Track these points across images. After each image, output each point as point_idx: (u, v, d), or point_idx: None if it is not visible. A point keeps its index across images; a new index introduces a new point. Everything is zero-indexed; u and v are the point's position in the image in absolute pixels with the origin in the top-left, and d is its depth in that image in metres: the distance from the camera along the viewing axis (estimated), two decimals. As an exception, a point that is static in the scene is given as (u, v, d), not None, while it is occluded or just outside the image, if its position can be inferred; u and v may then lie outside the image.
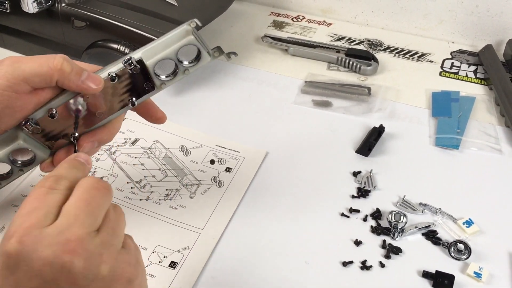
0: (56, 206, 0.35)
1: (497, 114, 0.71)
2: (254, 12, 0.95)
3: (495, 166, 0.63)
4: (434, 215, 0.56)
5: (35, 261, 0.32)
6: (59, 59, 0.43)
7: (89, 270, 0.33)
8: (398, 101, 0.73)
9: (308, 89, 0.74)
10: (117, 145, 0.62)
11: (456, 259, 0.52)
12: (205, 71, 0.78)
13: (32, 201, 0.35)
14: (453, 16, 0.85)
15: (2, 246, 0.33)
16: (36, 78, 0.42)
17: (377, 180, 0.60)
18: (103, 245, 0.34)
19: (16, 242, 0.32)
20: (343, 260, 0.51)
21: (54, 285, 0.32)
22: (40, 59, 0.43)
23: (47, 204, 0.35)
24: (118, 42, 0.69)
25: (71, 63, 0.43)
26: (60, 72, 0.43)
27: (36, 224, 0.33)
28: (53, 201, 0.35)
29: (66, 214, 0.34)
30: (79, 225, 0.34)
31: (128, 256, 0.36)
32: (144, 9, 0.71)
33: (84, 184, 0.36)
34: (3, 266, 0.33)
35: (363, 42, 0.87)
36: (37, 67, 0.42)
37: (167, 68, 0.48)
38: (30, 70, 0.42)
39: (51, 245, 0.32)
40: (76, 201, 0.35)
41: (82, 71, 0.44)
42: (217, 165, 0.61)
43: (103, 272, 0.33)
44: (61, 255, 0.32)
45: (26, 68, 0.42)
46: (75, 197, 0.35)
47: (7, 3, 0.73)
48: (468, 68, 0.81)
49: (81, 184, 0.36)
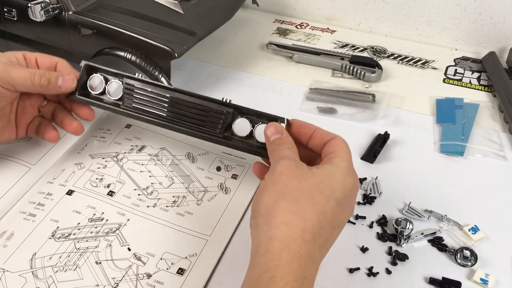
0: None
1: (501, 120, 0.71)
2: (259, 19, 0.96)
3: (500, 172, 0.63)
4: (439, 221, 0.56)
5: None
6: (38, 76, 0.54)
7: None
8: (403, 108, 0.74)
9: (313, 96, 0.75)
10: (124, 152, 0.63)
11: (462, 265, 0.52)
12: (210, 78, 0.79)
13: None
14: (456, 24, 0.86)
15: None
16: (22, 88, 0.54)
17: (382, 187, 0.60)
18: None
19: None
20: (349, 266, 0.51)
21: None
22: (25, 73, 0.54)
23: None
24: (125, 50, 0.69)
25: (48, 75, 0.54)
26: (39, 86, 0.55)
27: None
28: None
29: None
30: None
31: None
32: (150, 17, 0.72)
33: None
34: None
35: (367, 49, 0.87)
36: (23, 79, 0.53)
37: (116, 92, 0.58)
38: (17, 79, 0.53)
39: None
40: None
41: (57, 78, 0.55)
42: (223, 172, 0.62)
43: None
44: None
45: (15, 76, 0.53)
46: None
47: (15, 11, 0.74)
48: (472, 75, 0.81)
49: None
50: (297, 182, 0.42)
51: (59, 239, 0.52)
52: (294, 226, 0.40)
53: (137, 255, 0.51)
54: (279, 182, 0.43)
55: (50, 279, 0.49)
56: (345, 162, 0.45)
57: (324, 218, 0.42)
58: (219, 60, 0.84)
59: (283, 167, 0.44)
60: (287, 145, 0.47)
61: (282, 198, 0.42)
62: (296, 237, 0.40)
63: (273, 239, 0.40)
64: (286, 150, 0.47)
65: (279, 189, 0.42)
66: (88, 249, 0.51)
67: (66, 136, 0.65)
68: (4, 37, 0.79)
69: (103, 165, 0.61)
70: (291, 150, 0.47)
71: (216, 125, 0.54)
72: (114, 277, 0.49)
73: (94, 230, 0.53)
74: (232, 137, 0.54)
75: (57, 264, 0.50)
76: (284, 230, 0.40)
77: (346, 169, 0.45)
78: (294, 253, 0.39)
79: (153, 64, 0.69)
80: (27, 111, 0.60)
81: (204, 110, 0.55)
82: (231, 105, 0.55)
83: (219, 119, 0.54)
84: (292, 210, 0.41)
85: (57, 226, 0.53)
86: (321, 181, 0.43)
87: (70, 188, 0.58)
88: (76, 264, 0.50)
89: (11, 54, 0.57)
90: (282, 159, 0.45)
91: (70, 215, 0.55)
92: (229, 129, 0.54)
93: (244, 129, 0.54)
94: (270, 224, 0.41)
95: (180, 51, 0.67)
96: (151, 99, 0.56)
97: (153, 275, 0.50)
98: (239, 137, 0.54)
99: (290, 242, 0.39)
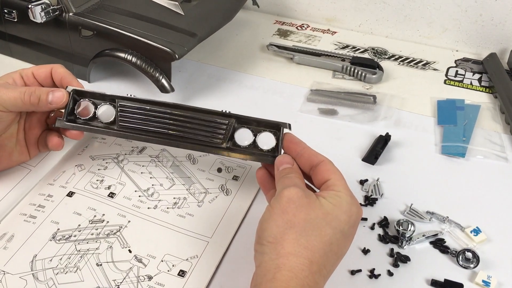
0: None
1: (502, 122, 0.71)
2: (259, 20, 0.96)
3: (501, 174, 0.63)
4: (441, 223, 0.56)
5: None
6: (27, 95, 0.53)
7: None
8: (404, 109, 0.74)
9: (313, 97, 0.75)
10: (124, 154, 0.63)
11: (464, 267, 0.52)
12: (211, 79, 0.79)
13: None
14: (457, 25, 0.86)
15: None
16: (14, 108, 0.54)
17: (384, 188, 0.60)
18: None
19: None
20: (351, 268, 0.51)
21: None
22: (14, 93, 0.53)
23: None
24: (125, 51, 0.69)
25: (38, 92, 0.53)
26: (30, 105, 0.54)
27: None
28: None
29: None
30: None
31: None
32: (151, 18, 0.72)
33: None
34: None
35: (367, 51, 0.87)
36: (13, 100, 0.53)
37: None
38: (8, 100, 0.53)
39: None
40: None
41: (48, 95, 0.54)
42: (224, 173, 0.61)
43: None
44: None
45: (5, 98, 0.52)
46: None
47: (15, 12, 0.74)
48: (473, 76, 0.81)
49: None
50: (306, 212, 0.43)
51: (59, 241, 0.52)
52: (303, 257, 0.41)
53: (138, 257, 0.51)
54: (287, 211, 0.43)
55: (50, 281, 0.48)
56: (347, 191, 0.46)
57: (330, 250, 0.43)
58: (219, 61, 0.84)
59: (292, 194, 0.44)
60: (296, 174, 0.48)
61: (291, 229, 0.42)
62: (304, 268, 0.41)
63: (281, 268, 0.41)
64: (295, 179, 0.47)
65: (288, 219, 0.43)
66: (88, 251, 0.51)
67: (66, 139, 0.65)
68: (5, 38, 0.79)
69: (103, 167, 0.61)
70: (299, 179, 0.48)
71: (218, 137, 0.54)
72: (115, 279, 0.49)
73: (95, 232, 0.53)
74: (235, 147, 0.54)
75: (58, 266, 0.50)
76: (293, 261, 0.41)
77: (350, 198, 0.45)
78: (302, 283, 0.40)
79: (153, 66, 0.69)
80: (34, 126, 0.59)
81: (205, 124, 0.54)
82: (232, 115, 0.54)
83: (221, 130, 0.54)
84: (301, 242, 0.42)
85: (57, 228, 0.53)
86: (328, 212, 0.44)
87: (70, 189, 0.57)
88: (76, 266, 0.50)
89: (8, 76, 0.56)
90: (291, 186, 0.45)
91: (70, 216, 0.54)
92: (232, 139, 0.54)
93: (246, 139, 0.54)
94: (278, 253, 0.41)
95: (181, 53, 0.67)
96: (149, 117, 0.55)
97: (154, 277, 0.49)
98: (242, 147, 0.54)
99: (298, 273, 0.40)
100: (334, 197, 0.45)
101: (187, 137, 0.54)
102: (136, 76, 0.77)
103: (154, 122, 0.55)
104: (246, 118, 0.54)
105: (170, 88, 0.69)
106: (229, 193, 0.59)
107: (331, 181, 0.47)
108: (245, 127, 0.54)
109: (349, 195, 0.46)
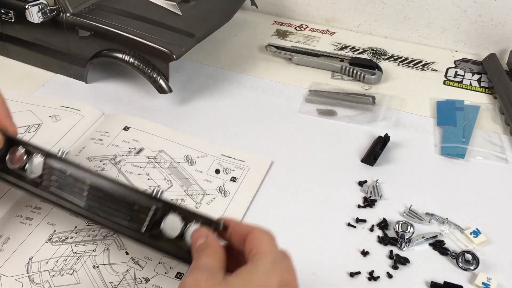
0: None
1: (502, 122, 0.71)
2: (258, 21, 0.95)
3: (501, 175, 0.63)
4: (441, 225, 0.56)
5: None
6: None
7: None
8: (403, 110, 0.73)
9: (312, 98, 0.74)
10: (122, 155, 0.62)
11: (464, 269, 0.51)
12: (209, 80, 0.79)
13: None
14: (456, 25, 0.86)
15: None
16: None
17: (383, 190, 0.60)
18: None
19: None
20: (350, 271, 0.51)
21: None
22: None
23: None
24: (123, 51, 0.69)
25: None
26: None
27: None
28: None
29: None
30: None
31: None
32: (148, 18, 0.71)
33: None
34: None
35: (366, 51, 0.87)
36: None
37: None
38: None
39: None
40: None
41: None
42: (222, 174, 0.61)
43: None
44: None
45: None
46: None
47: (12, 13, 0.73)
48: (472, 77, 0.81)
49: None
50: None
51: (56, 243, 0.52)
52: None
53: (135, 259, 0.51)
54: None
55: (46, 283, 0.48)
56: (268, 257, 0.38)
57: None
58: (218, 62, 0.83)
59: (190, 281, 0.37)
60: (208, 251, 0.41)
61: None
62: None
63: None
64: (204, 258, 0.40)
65: None
66: (85, 253, 0.51)
67: (63, 139, 0.64)
68: (2, 39, 0.78)
69: (100, 168, 0.60)
70: (211, 257, 0.40)
71: (142, 221, 0.45)
72: (112, 282, 0.48)
73: (92, 234, 0.53)
74: (160, 236, 0.44)
75: (54, 268, 0.49)
76: None
77: (270, 264, 0.38)
78: None
79: (151, 66, 0.68)
80: None
81: (129, 203, 0.46)
82: (161, 200, 0.45)
83: (146, 215, 0.45)
84: None
85: (54, 230, 0.53)
86: None
87: (67, 191, 0.57)
88: (73, 268, 0.49)
89: None
90: (192, 271, 0.39)
91: (67, 218, 0.54)
92: (158, 227, 0.45)
93: (174, 229, 0.44)
94: None
95: (179, 53, 0.66)
96: (69, 183, 0.48)
97: (151, 280, 0.49)
98: (167, 238, 0.44)
99: None
100: (248, 270, 0.38)
101: (105, 216, 0.46)
102: (133, 77, 0.77)
103: (72, 190, 0.48)
104: (178, 207, 0.45)
105: (168, 89, 0.69)
106: (227, 194, 0.58)
107: (254, 250, 0.40)
108: (175, 214, 0.44)
109: (269, 261, 0.38)
